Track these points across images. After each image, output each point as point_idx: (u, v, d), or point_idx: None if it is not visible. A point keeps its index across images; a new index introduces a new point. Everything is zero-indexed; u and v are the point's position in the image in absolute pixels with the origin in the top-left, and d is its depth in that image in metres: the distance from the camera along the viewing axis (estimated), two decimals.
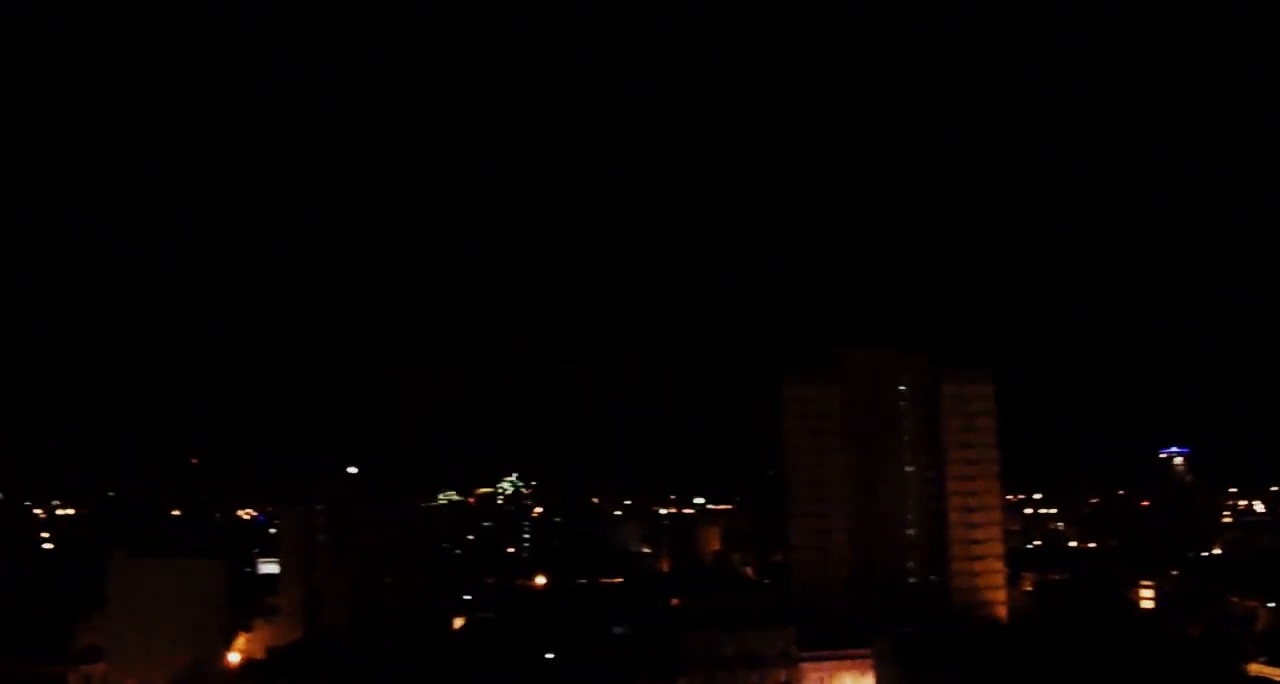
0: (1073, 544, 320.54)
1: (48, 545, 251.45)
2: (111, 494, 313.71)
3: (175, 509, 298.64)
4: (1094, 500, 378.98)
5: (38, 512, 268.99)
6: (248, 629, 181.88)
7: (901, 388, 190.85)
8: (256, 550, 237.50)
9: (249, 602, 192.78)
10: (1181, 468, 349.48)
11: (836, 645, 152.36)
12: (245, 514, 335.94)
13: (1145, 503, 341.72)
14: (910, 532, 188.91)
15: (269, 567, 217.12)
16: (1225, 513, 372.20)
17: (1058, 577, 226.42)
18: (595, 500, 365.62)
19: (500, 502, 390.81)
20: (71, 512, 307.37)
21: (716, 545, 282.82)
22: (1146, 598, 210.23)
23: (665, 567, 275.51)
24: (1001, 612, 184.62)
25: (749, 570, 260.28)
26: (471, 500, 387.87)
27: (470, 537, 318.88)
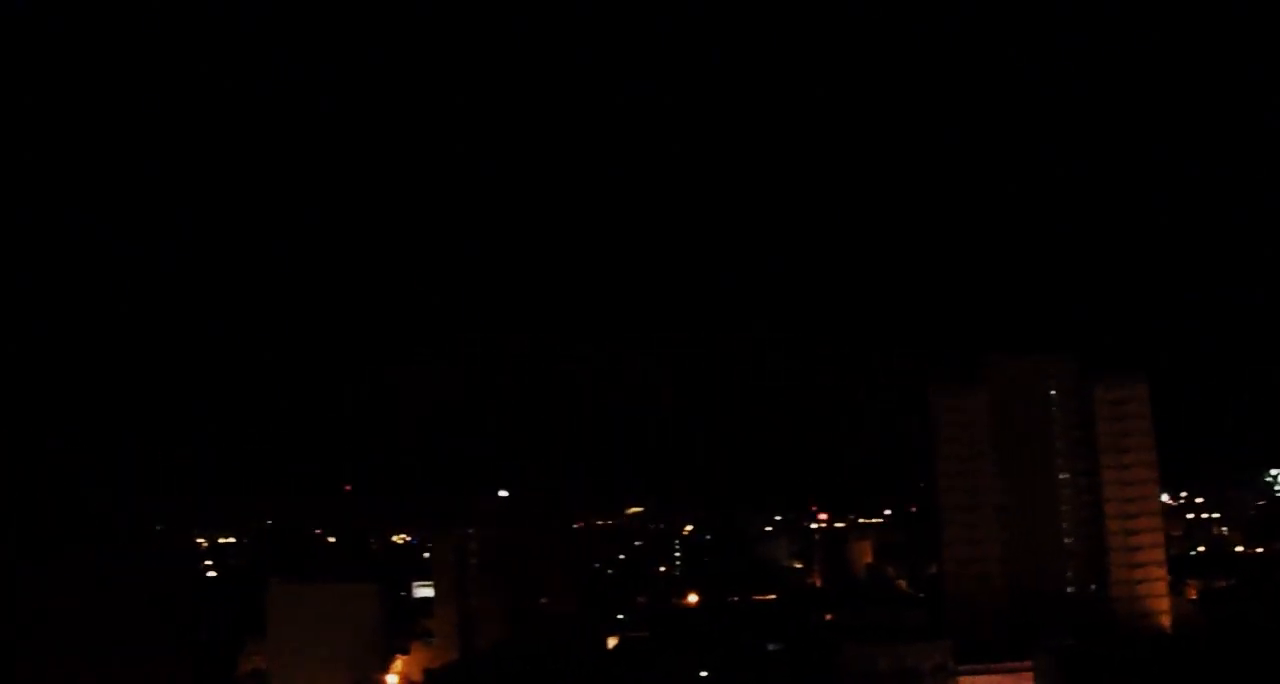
0: (1239, 549, 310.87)
1: (211, 574, 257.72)
2: (269, 522, 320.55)
3: (331, 536, 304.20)
4: (1260, 502, 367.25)
5: (200, 541, 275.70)
6: (404, 652, 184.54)
7: (1052, 393, 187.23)
8: (411, 574, 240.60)
9: (405, 625, 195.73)
10: None
11: (994, 658, 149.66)
12: (399, 539, 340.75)
13: None
14: (1067, 540, 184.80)
15: (424, 590, 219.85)
16: None
17: (1224, 584, 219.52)
18: (746, 516, 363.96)
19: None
20: (231, 540, 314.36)
21: (869, 559, 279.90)
22: None
23: (818, 582, 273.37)
24: (1165, 621, 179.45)
25: (903, 584, 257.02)
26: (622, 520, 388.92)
27: (622, 556, 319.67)
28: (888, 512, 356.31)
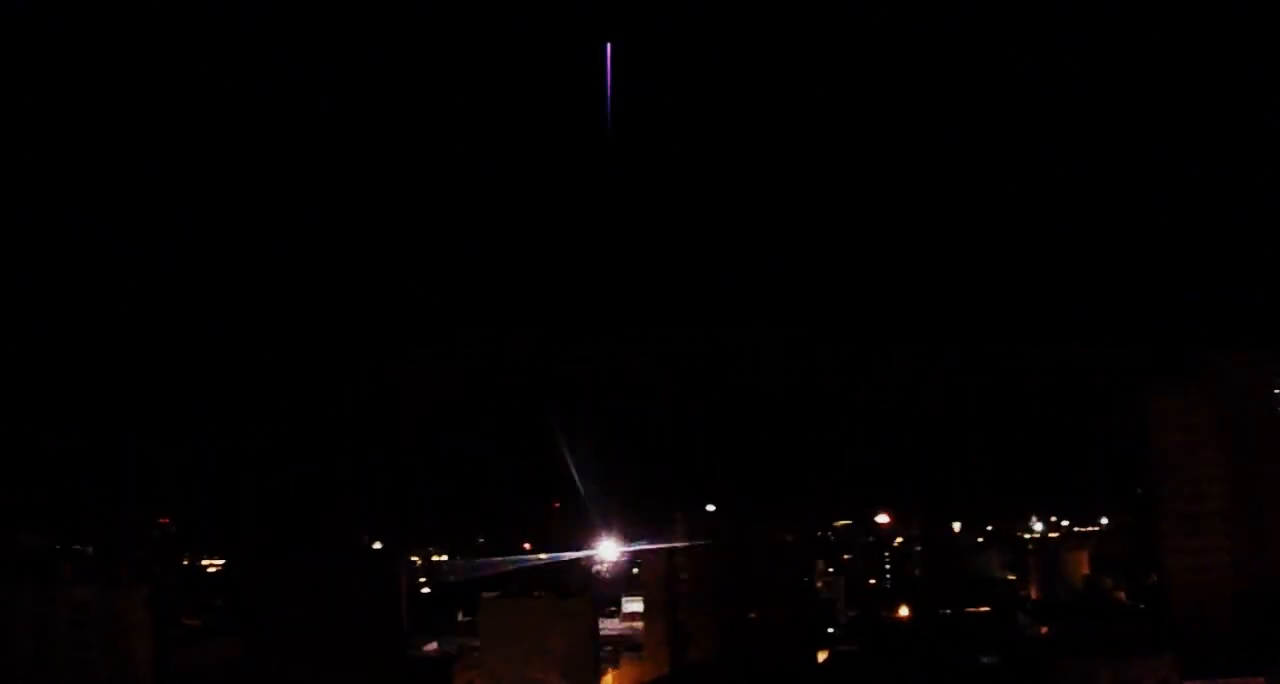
0: None
1: (425, 590, 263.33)
2: (481, 540, 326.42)
3: (540, 552, 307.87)
4: None
5: (414, 558, 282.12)
6: (615, 666, 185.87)
7: (1277, 392, 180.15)
8: (621, 589, 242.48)
9: (615, 639, 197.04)
10: None
11: (1223, 673, 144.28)
12: None
13: None
14: None
15: (633, 605, 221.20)
16: None
17: None
18: (956, 527, 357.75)
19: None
20: (444, 557, 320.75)
21: (1085, 569, 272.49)
22: None
23: (1032, 593, 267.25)
24: None
25: (1122, 595, 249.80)
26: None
27: (830, 569, 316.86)
28: (1104, 520, 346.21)
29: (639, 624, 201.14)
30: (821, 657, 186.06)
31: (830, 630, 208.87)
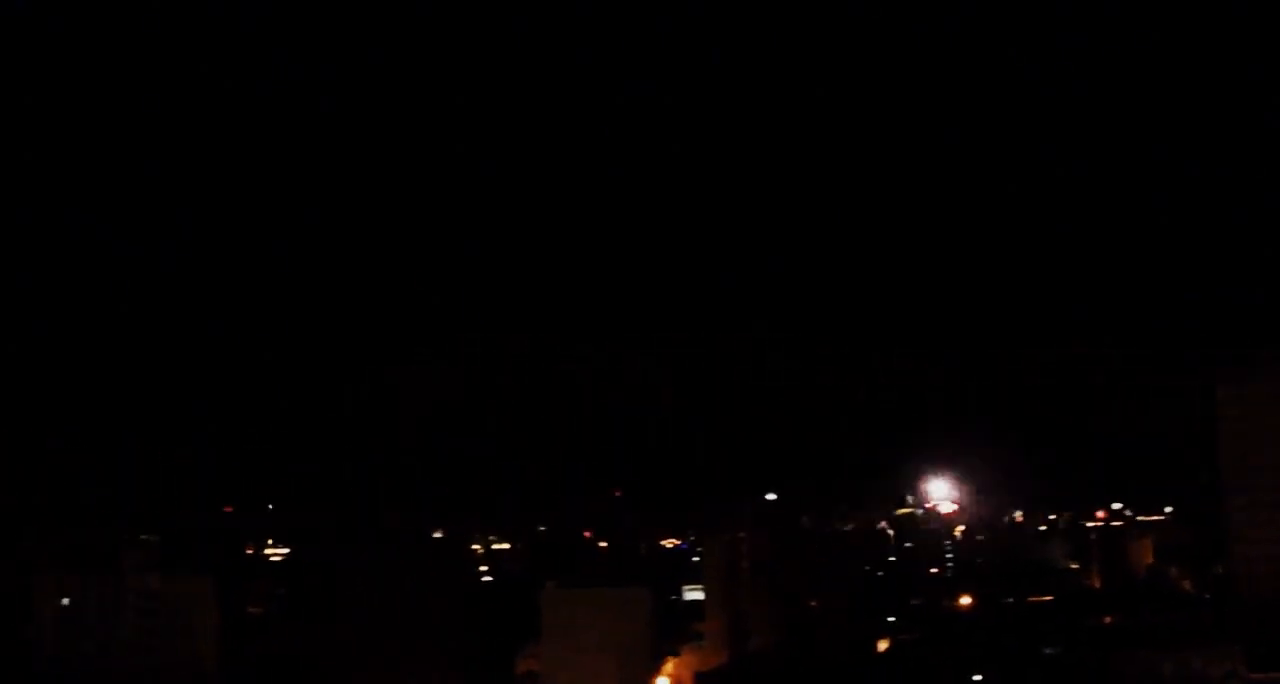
0: None
1: (486, 579, 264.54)
2: (542, 528, 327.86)
3: (602, 541, 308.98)
4: None
5: (476, 547, 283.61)
6: (675, 655, 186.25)
7: None
8: (681, 578, 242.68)
9: (676, 628, 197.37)
10: None
11: None
12: (669, 543, 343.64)
13: None
14: None
15: (694, 593, 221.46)
16: None
17: None
18: (1019, 516, 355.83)
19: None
20: (506, 546, 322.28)
21: (1150, 559, 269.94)
22: None
23: (1096, 583, 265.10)
24: None
25: (1187, 585, 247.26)
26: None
27: (892, 558, 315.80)
28: (1169, 508, 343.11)
29: None
30: (883, 646, 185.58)
31: (891, 619, 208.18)
